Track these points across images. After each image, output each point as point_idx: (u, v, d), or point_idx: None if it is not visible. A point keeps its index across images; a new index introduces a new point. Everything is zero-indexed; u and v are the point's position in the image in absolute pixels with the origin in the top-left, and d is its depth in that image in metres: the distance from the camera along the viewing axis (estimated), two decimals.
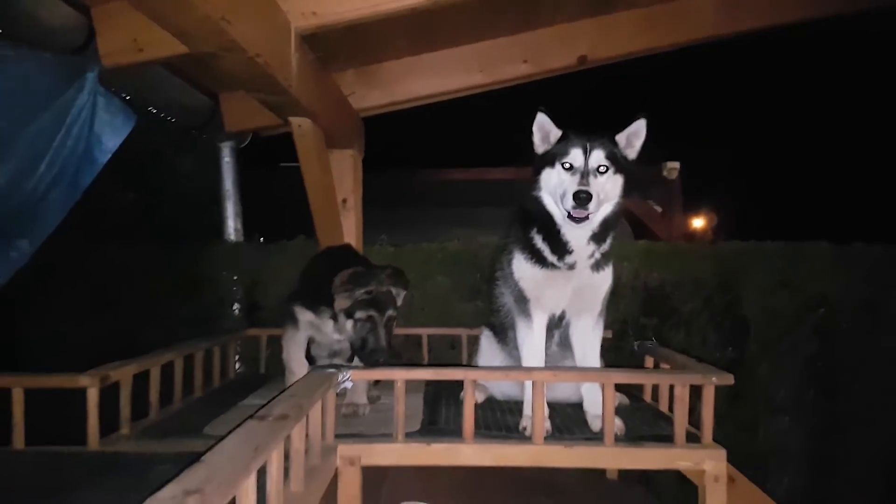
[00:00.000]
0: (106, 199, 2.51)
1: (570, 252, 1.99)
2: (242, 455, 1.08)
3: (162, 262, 3.45)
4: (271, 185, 4.50)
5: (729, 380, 1.84)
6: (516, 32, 3.05)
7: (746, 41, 3.25)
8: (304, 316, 2.34)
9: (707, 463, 1.82)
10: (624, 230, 5.09)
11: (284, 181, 3.57)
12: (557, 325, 2.24)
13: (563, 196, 1.90)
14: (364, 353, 2.09)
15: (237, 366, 3.13)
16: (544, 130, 2.01)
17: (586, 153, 1.92)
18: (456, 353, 3.09)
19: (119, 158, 2.48)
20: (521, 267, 2.10)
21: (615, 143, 1.98)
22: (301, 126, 2.52)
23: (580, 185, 1.86)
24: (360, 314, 2.08)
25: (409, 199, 5.39)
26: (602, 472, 2.91)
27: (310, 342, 2.46)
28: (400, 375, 1.86)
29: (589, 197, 1.83)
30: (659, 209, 5.10)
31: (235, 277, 3.41)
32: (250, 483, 1.06)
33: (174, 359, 2.41)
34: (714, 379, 1.83)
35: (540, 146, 2.02)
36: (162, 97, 2.88)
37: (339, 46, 2.53)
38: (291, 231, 3.47)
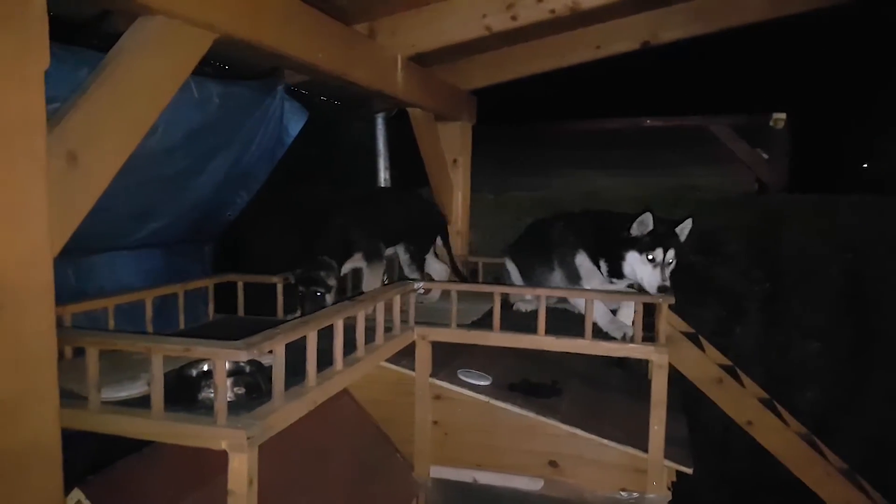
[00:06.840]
0: (298, 155, 3.76)
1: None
2: (337, 311, 2.22)
3: None
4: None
5: (671, 300, 2.64)
6: (589, 25, 3.79)
7: None
8: None
9: (654, 355, 2.60)
10: (748, 178, 5.57)
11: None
12: None
13: (642, 279, 2.77)
14: None
15: None
16: (644, 225, 2.77)
17: (665, 252, 2.73)
18: None
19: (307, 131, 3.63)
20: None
21: (678, 239, 2.78)
22: (412, 112, 3.58)
23: (662, 280, 2.71)
24: None
25: (531, 144, 6.32)
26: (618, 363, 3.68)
27: None
28: (453, 287, 2.92)
29: (667, 287, 2.71)
30: (765, 156, 5.47)
31: None
32: (340, 323, 2.18)
33: None
34: (661, 299, 2.65)
35: (635, 231, 2.80)
36: (329, 90, 4.08)
37: (441, 54, 3.47)
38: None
